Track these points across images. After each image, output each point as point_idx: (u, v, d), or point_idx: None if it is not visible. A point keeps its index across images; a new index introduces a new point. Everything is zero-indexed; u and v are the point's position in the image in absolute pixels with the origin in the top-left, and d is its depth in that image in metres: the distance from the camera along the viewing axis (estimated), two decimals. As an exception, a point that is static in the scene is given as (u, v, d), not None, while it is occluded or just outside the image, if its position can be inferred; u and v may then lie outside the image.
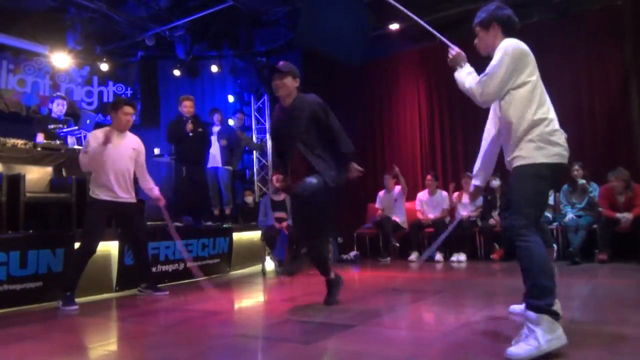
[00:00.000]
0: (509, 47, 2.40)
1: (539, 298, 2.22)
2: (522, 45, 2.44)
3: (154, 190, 4.50)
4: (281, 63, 3.56)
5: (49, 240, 4.17)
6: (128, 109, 4.27)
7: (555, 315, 2.21)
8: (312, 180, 3.25)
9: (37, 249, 4.02)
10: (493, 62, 2.40)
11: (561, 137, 2.42)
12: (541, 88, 2.47)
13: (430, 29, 2.85)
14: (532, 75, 2.44)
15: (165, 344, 2.71)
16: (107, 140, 4.02)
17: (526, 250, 2.32)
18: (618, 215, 5.61)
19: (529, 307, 2.23)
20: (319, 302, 3.63)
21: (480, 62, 2.58)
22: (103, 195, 4.12)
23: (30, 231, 4.41)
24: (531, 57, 2.46)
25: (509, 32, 2.56)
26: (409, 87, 8.26)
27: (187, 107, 6.08)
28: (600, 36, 6.60)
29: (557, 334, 2.17)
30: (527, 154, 2.37)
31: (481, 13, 2.61)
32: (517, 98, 2.41)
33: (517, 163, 2.41)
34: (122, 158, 4.23)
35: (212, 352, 2.53)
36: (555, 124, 2.42)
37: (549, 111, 2.44)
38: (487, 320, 2.84)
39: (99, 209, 4.10)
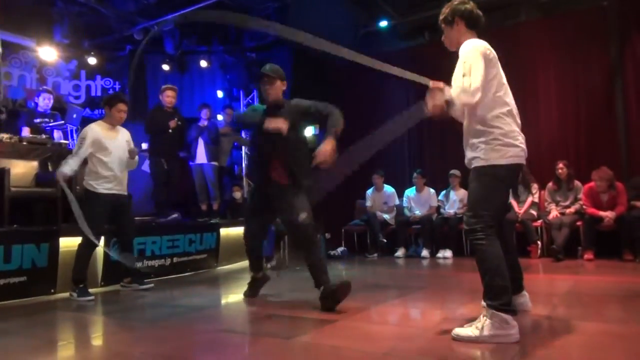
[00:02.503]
0: (474, 45, 2.44)
1: (494, 298, 2.34)
2: (486, 45, 2.48)
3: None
4: (268, 67, 3.61)
5: (34, 235, 4.15)
6: (122, 106, 4.35)
7: (511, 313, 2.32)
8: (304, 215, 3.38)
9: (21, 243, 4.01)
10: (463, 62, 2.41)
11: (519, 137, 2.47)
12: (505, 89, 2.51)
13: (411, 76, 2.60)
14: (496, 76, 2.48)
15: (149, 339, 2.72)
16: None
17: (482, 251, 2.40)
18: (602, 213, 5.70)
19: (486, 303, 2.38)
20: (304, 297, 3.65)
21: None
22: (102, 189, 4.17)
23: (15, 226, 4.38)
24: (495, 57, 2.49)
25: (472, 26, 2.59)
26: (398, 84, 8.27)
27: (169, 97, 6.02)
28: (586, 36, 6.67)
29: (506, 332, 2.28)
30: (485, 155, 2.43)
31: (444, 9, 2.64)
32: (479, 100, 2.42)
33: (475, 164, 2.47)
34: (121, 151, 4.33)
35: (194, 346, 2.55)
36: (514, 125, 2.47)
37: (510, 113, 2.48)
38: (470, 315, 2.87)
39: (100, 203, 4.15)
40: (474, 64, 2.38)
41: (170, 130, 5.97)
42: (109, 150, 4.21)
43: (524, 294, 2.89)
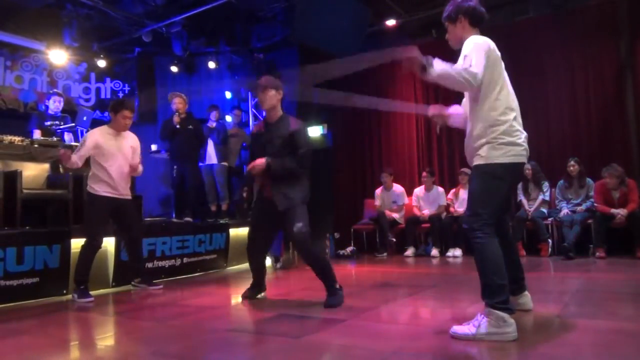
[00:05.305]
0: (478, 41, 2.44)
1: (491, 296, 2.34)
2: (490, 43, 2.47)
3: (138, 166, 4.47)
4: (263, 78, 3.66)
5: (46, 236, 4.20)
6: (127, 113, 4.35)
7: (508, 311, 2.32)
8: (300, 225, 3.39)
9: (33, 245, 4.06)
10: (466, 52, 2.40)
11: (521, 136, 2.47)
12: (508, 88, 2.50)
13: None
14: (500, 75, 2.47)
15: (159, 338, 2.75)
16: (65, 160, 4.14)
17: (480, 249, 2.40)
18: (613, 211, 5.64)
19: (483, 301, 2.40)
20: (314, 297, 3.65)
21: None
22: (103, 192, 4.22)
23: (27, 227, 4.44)
24: (498, 57, 2.49)
25: (476, 23, 2.60)
26: (406, 82, 8.26)
27: (176, 104, 6.25)
28: (596, 32, 6.60)
29: (503, 330, 2.28)
30: (485, 153, 2.43)
31: (448, 7, 2.64)
32: (483, 98, 2.44)
33: (476, 162, 2.48)
34: (122, 157, 4.34)
35: (203, 345, 2.57)
36: (516, 124, 2.46)
37: (512, 111, 2.47)
38: (479, 313, 2.86)
39: (101, 205, 4.19)
40: (476, 56, 2.36)
41: (177, 127, 6.12)
42: (109, 156, 4.23)
43: (526, 294, 2.88)
